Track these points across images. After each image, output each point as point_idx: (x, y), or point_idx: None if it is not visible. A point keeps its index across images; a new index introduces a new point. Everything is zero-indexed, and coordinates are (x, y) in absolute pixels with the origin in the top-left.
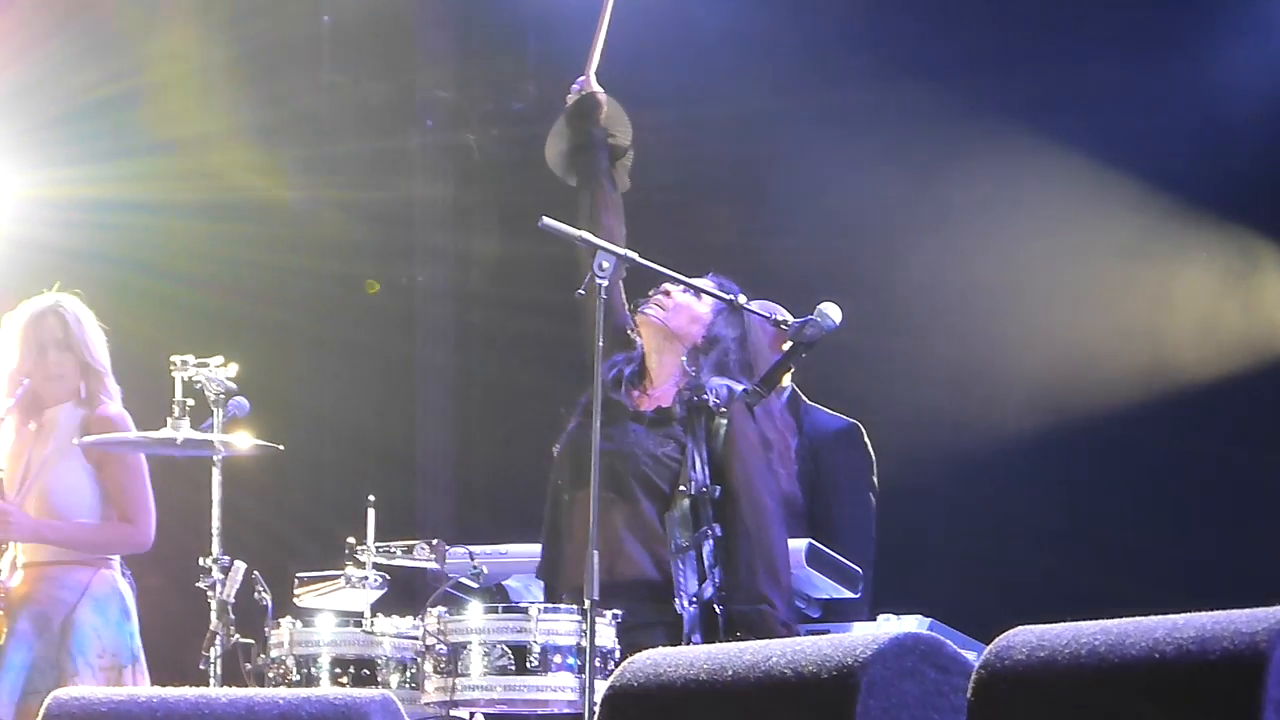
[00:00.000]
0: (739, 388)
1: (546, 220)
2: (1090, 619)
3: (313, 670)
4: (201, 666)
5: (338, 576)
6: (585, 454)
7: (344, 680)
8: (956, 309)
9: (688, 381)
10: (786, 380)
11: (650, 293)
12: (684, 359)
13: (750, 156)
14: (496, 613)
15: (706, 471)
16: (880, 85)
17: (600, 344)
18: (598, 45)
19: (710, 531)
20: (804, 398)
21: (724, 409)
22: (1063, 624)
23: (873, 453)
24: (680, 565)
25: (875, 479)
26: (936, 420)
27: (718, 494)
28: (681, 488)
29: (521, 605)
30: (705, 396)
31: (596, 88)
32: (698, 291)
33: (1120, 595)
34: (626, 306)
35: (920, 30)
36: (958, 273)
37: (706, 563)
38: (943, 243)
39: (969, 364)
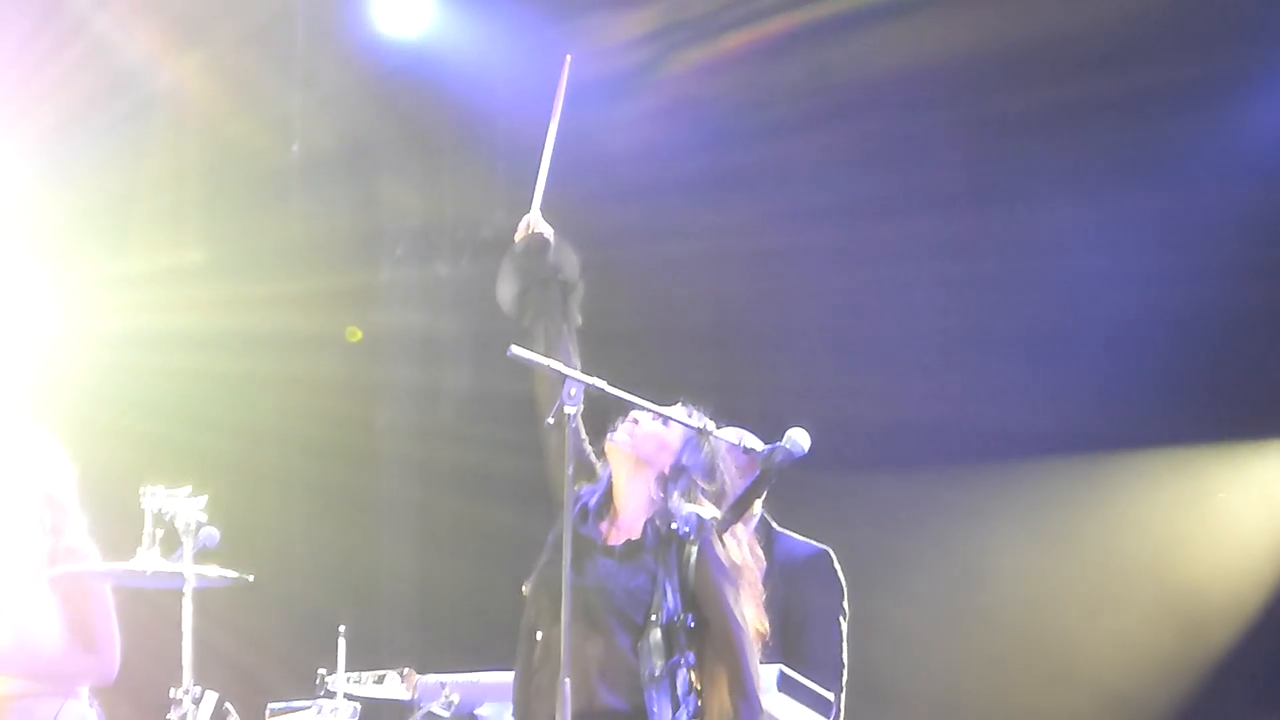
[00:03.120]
0: (709, 515)
1: (515, 349)
2: None
3: None
4: None
5: (310, 707)
6: (557, 589)
7: None
8: (931, 439)
9: (657, 510)
10: (757, 507)
11: (617, 420)
12: (652, 486)
13: (722, 289)
14: None
15: (678, 600)
16: (853, 222)
17: (570, 470)
18: (541, 183)
19: (684, 660)
20: (774, 524)
21: (694, 538)
22: None
23: (843, 579)
24: (654, 694)
25: (846, 605)
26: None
27: (690, 622)
28: (653, 617)
29: None
30: (675, 525)
31: (543, 225)
32: (666, 419)
33: None
34: (587, 441)
35: (902, 169)
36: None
37: (680, 691)
38: (916, 371)
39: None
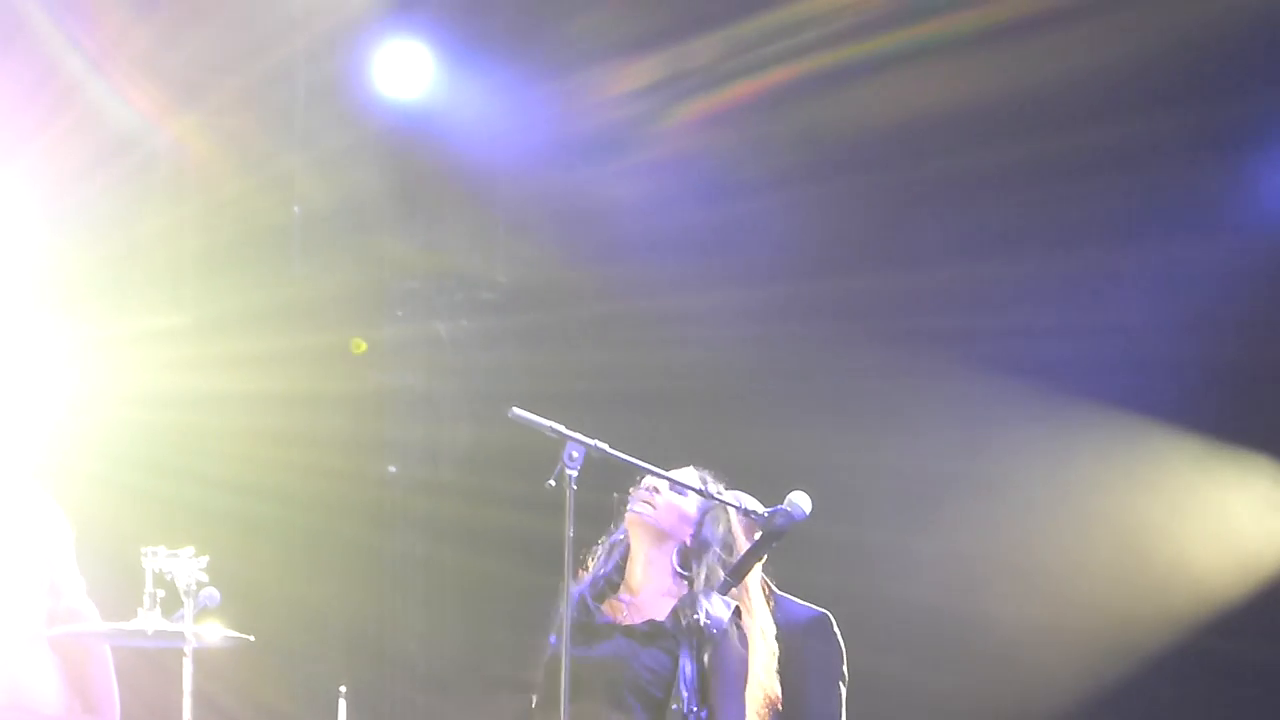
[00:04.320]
0: (730, 607)
1: (517, 410)
2: None
3: None
4: None
5: None
6: (573, 671)
7: None
8: (930, 499)
9: (686, 597)
10: (757, 571)
11: (632, 489)
12: (674, 559)
13: (722, 348)
14: None
15: (696, 698)
16: (856, 276)
17: (570, 533)
18: None
19: None
20: (773, 587)
21: (714, 630)
22: None
23: (842, 643)
24: None
25: (845, 669)
26: (909, 611)
27: (704, 717)
28: (674, 706)
29: None
30: (697, 617)
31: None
32: (683, 488)
33: None
34: None
35: (911, 231)
36: (933, 465)
37: None
38: (916, 437)
39: (944, 553)
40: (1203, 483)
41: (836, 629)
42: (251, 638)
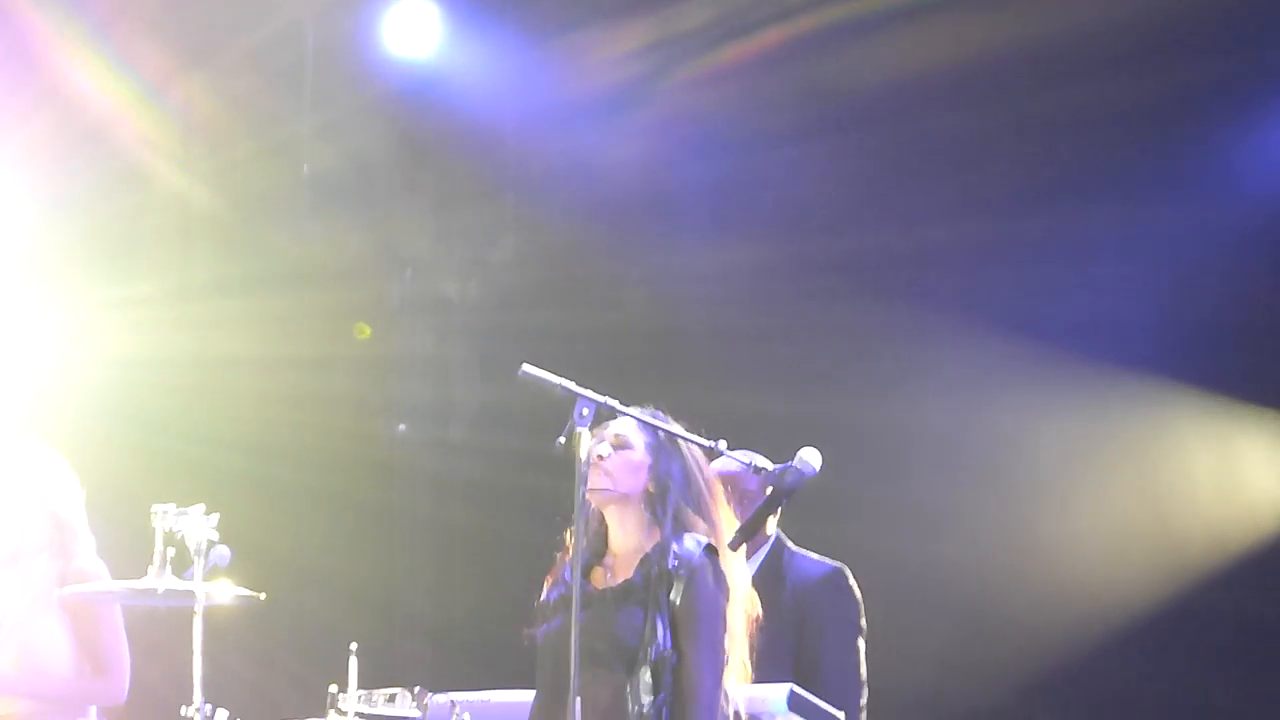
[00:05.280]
0: (701, 545)
1: (527, 368)
2: None
3: None
4: None
5: None
6: (564, 655)
7: None
8: (939, 457)
9: (655, 547)
10: (772, 527)
11: (582, 468)
12: (643, 512)
13: (730, 306)
14: None
15: (668, 636)
16: (862, 235)
17: (583, 493)
18: None
19: (669, 697)
20: (789, 543)
21: (683, 572)
22: None
23: (859, 595)
24: None
25: (863, 622)
26: (922, 564)
27: (675, 658)
28: (640, 655)
29: None
30: (667, 561)
31: None
32: (638, 422)
33: None
34: None
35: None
36: (941, 422)
37: None
38: (923, 394)
39: (954, 509)
40: (1214, 439)
41: (853, 581)
42: (262, 595)
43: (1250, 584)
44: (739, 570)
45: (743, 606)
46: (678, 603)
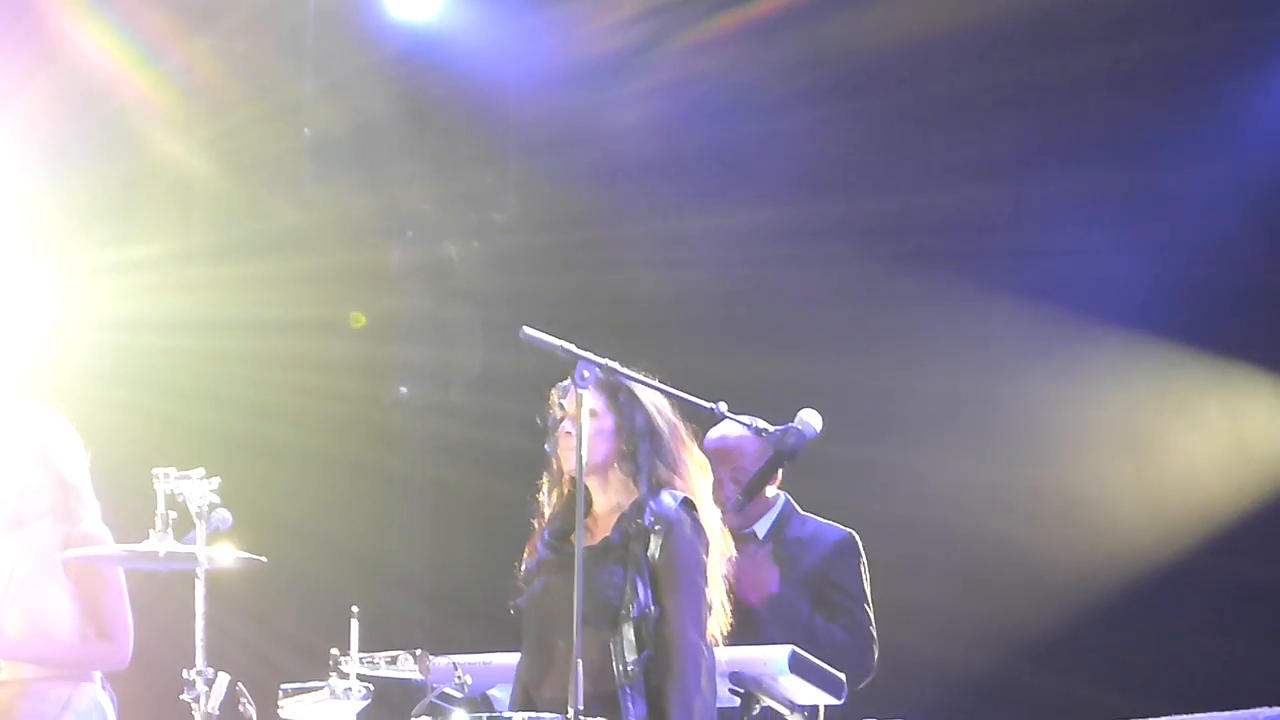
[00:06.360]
0: (678, 499)
1: (528, 330)
2: None
3: None
4: None
5: (322, 688)
6: (548, 612)
7: None
8: (944, 420)
9: (632, 504)
10: (774, 491)
11: (547, 446)
12: (619, 471)
13: (734, 270)
14: None
15: (648, 593)
16: (866, 198)
17: (583, 452)
18: None
19: (652, 653)
20: (798, 508)
21: (659, 528)
22: None
23: (867, 560)
24: (628, 690)
25: (868, 587)
26: (924, 527)
27: (654, 614)
28: (622, 612)
29: (506, 716)
30: (644, 518)
31: None
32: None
33: (1113, 707)
34: None
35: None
36: (945, 385)
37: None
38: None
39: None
40: (1219, 401)
41: (861, 547)
42: (263, 559)
43: (1250, 547)
44: (712, 518)
45: (718, 549)
46: (656, 557)
